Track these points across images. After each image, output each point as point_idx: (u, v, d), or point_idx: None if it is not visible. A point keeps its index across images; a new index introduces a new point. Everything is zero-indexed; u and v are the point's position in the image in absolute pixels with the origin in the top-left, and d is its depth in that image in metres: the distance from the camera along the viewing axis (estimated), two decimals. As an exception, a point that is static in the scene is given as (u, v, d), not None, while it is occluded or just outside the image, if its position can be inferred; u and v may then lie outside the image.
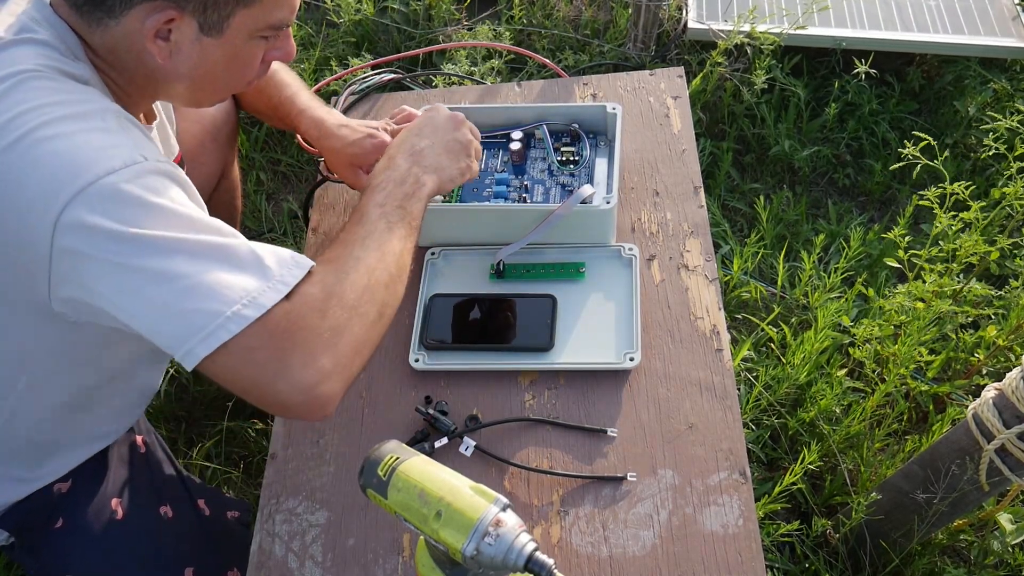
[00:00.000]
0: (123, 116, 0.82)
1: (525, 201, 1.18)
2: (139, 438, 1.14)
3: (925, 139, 1.43)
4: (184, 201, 0.79)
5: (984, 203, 1.51)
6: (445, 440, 1.00)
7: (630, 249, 1.15)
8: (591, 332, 1.08)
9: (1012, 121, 1.46)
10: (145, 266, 0.74)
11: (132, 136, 0.80)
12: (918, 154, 1.44)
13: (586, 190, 1.11)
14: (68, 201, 0.72)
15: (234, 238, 0.79)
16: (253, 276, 0.77)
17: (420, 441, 1.01)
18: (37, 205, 0.73)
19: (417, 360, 1.07)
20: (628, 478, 0.97)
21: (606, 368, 1.05)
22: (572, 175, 1.20)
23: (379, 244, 0.87)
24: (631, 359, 1.04)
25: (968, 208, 1.45)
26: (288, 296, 0.78)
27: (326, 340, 0.78)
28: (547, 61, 1.59)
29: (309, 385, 0.76)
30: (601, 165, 1.21)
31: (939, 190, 1.44)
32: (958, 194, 1.42)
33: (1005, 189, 1.46)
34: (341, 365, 0.79)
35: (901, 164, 1.50)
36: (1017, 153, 1.43)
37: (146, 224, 0.74)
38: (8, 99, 0.76)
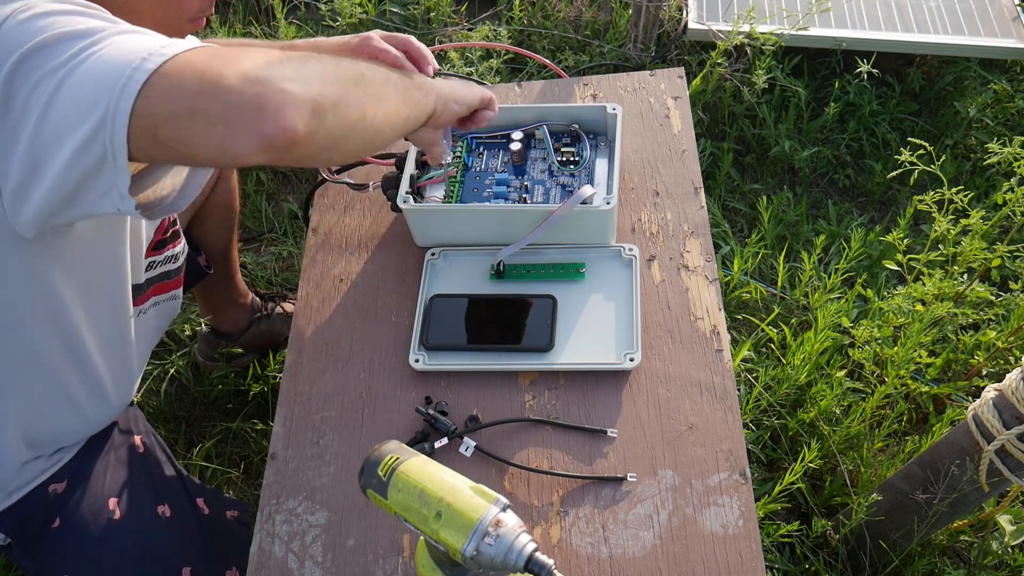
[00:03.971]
0: None
1: (525, 202, 1.18)
2: (138, 438, 1.14)
3: (922, 145, 1.43)
4: (101, 10, 0.74)
5: (985, 205, 1.51)
6: (445, 440, 1.00)
7: (630, 250, 1.15)
8: (591, 332, 1.08)
9: (1013, 147, 1.46)
10: (58, 63, 0.68)
11: None
12: (915, 159, 1.44)
13: (586, 191, 1.11)
14: None
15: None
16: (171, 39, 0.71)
17: (420, 441, 1.01)
18: None
19: (417, 360, 1.07)
20: (628, 478, 0.97)
21: (606, 368, 1.05)
22: (572, 175, 1.20)
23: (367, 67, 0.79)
24: (631, 359, 1.04)
25: (967, 213, 1.46)
26: None
27: (279, 57, 0.69)
28: (547, 61, 1.59)
29: (258, 66, 0.66)
30: (601, 165, 1.21)
31: (937, 194, 1.44)
32: (956, 201, 1.42)
33: (1007, 196, 1.46)
34: (299, 74, 0.68)
35: (899, 172, 1.50)
36: (1018, 164, 1.43)
37: (51, 27, 0.69)
38: None
